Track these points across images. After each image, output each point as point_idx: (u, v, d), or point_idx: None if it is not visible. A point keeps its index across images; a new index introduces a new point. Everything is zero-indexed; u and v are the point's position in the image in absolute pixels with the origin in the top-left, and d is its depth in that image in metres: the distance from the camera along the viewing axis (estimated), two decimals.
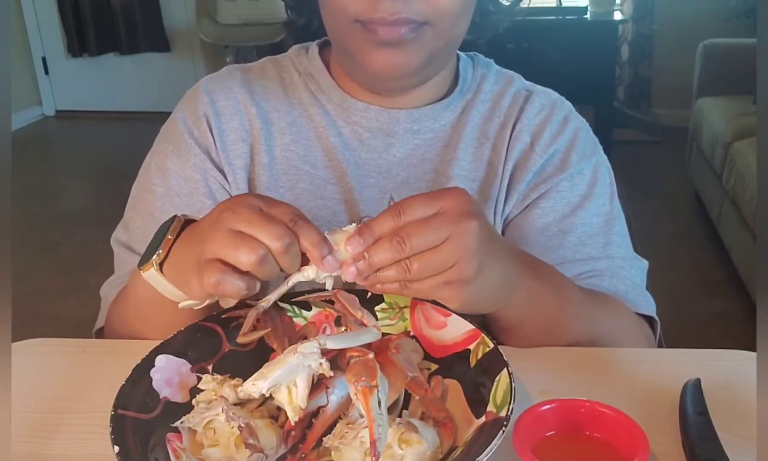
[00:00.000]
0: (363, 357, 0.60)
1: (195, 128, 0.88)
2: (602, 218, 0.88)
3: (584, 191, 0.88)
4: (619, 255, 0.87)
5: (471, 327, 0.69)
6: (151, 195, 0.88)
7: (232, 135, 0.88)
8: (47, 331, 0.84)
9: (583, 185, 0.88)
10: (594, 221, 0.87)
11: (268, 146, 0.88)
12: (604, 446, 0.57)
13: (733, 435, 0.60)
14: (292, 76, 0.92)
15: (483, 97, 0.91)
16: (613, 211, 0.89)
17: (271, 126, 0.89)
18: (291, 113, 0.90)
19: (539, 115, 0.90)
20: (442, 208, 0.61)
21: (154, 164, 0.89)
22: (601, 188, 0.89)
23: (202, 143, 0.87)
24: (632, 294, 0.86)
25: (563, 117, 0.91)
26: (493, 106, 0.91)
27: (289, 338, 0.70)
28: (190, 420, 0.61)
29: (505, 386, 0.61)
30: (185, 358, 0.69)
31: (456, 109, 0.91)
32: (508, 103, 0.91)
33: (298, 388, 0.60)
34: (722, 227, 2.94)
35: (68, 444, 0.65)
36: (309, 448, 0.61)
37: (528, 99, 0.91)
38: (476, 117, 0.90)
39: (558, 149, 0.89)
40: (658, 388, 0.68)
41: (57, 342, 0.81)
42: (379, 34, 0.76)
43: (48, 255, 3.33)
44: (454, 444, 0.60)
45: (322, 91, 0.90)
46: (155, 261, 0.67)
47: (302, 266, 0.63)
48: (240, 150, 0.88)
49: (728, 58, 3.37)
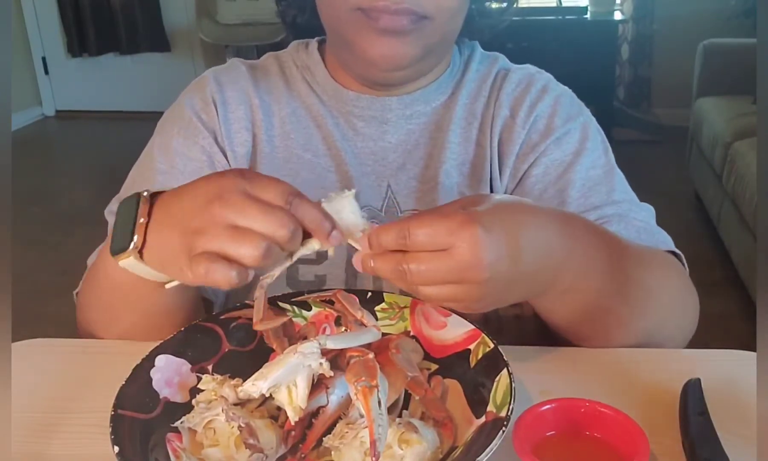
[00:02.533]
0: (363, 357, 0.60)
1: (203, 112, 0.89)
2: (600, 170, 0.87)
3: (575, 148, 0.87)
4: (624, 200, 0.86)
5: (471, 327, 0.69)
6: (153, 172, 0.87)
7: (237, 124, 0.89)
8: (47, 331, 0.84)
9: (573, 143, 0.88)
10: (592, 174, 0.86)
11: (269, 137, 0.90)
12: (604, 446, 0.57)
13: (733, 435, 0.60)
14: (291, 70, 0.94)
15: (470, 76, 0.92)
16: (609, 163, 0.89)
17: (272, 117, 0.91)
18: (291, 104, 0.91)
19: (517, 89, 0.91)
20: (452, 247, 0.57)
21: (156, 146, 0.90)
22: (593, 143, 0.88)
23: (209, 126, 0.89)
24: (646, 234, 0.84)
25: (542, 86, 0.91)
26: (479, 85, 0.92)
27: (289, 338, 0.70)
28: (190, 420, 0.61)
29: (505, 386, 0.61)
30: (185, 358, 0.69)
31: (446, 90, 0.92)
32: (491, 82, 0.92)
33: (298, 388, 0.60)
34: (722, 227, 2.94)
35: (68, 444, 0.65)
36: (309, 448, 0.61)
37: (506, 76, 0.92)
38: (464, 96, 0.91)
39: (540, 116, 0.89)
40: (658, 388, 0.68)
41: (57, 342, 0.81)
42: (382, 21, 0.76)
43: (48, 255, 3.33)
44: (454, 444, 0.60)
45: (318, 83, 0.92)
46: (133, 249, 0.63)
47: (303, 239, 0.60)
48: (243, 138, 0.89)
49: (728, 58, 3.37)
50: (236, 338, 0.72)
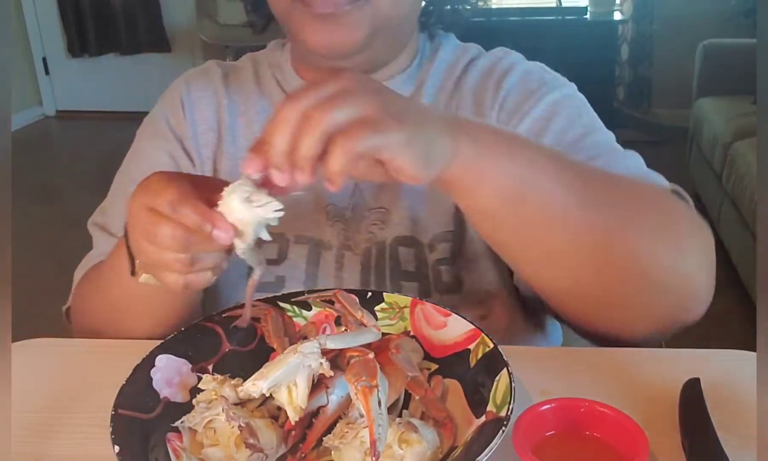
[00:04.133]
0: (363, 357, 0.60)
1: (172, 116, 0.91)
2: (580, 128, 0.81)
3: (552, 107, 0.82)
4: (612, 150, 0.80)
5: (471, 327, 0.69)
6: (127, 179, 0.90)
7: (203, 125, 0.91)
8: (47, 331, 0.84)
9: (550, 102, 0.82)
10: (576, 125, 0.81)
11: (233, 137, 0.91)
12: (604, 446, 0.57)
13: (733, 435, 0.60)
14: (263, 69, 0.94)
15: (436, 67, 0.90)
16: (594, 122, 0.83)
17: (239, 117, 0.92)
18: (260, 102, 0.92)
19: (480, 75, 0.88)
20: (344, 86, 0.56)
21: (132, 152, 0.93)
22: (574, 102, 0.84)
23: (176, 130, 0.91)
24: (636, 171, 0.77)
25: (508, 64, 0.88)
26: (445, 76, 0.90)
27: (289, 338, 0.70)
28: (190, 419, 0.61)
29: (505, 386, 0.61)
30: (185, 358, 0.69)
31: (413, 82, 0.90)
32: (458, 74, 0.90)
33: (298, 388, 0.60)
34: (722, 227, 2.93)
35: (68, 444, 0.65)
36: (309, 448, 0.61)
37: (471, 64, 0.89)
38: (430, 88, 0.89)
39: (509, 91, 0.85)
40: (658, 388, 0.68)
41: (57, 342, 0.81)
42: (316, 6, 0.76)
43: (48, 255, 3.33)
44: (454, 444, 0.60)
45: (286, 80, 0.92)
46: (139, 268, 0.67)
47: None
48: (209, 139, 0.91)
49: (728, 58, 3.37)
50: (236, 338, 0.72)
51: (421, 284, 0.85)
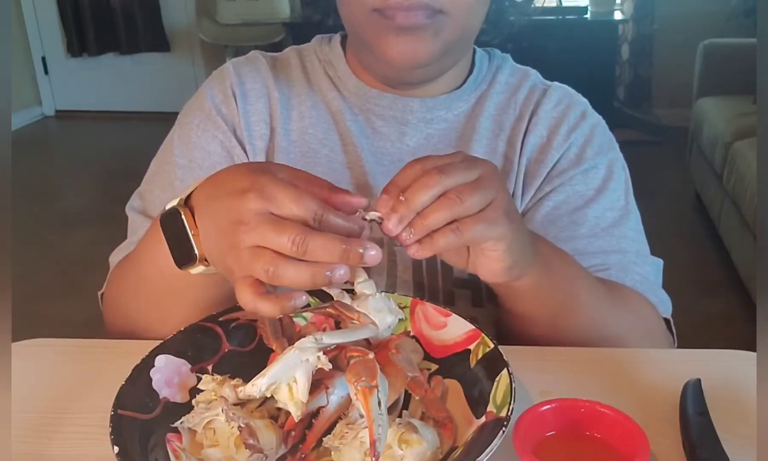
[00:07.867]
0: (363, 357, 0.60)
1: (223, 105, 0.89)
2: (617, 212, 0.87)
3: (598, 185, 0.87)
4: (632, 250, 0.86)
5: (471, 327, 0.69)
6: (172, 166, 0.88)
7: (255, 117, 0.89)
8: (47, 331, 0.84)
9: (597, 178, 0.88)
10: (608, 215, 0.87)
11: (286, 131, 0.90)
12: (604, 446, 0.57)
13: (733, 435, 0.60)
14: (313, 63, 0.94)
15: (498, 88, 0.92)
16: (628, 206, 0.89)
17: (291, 111, 0.91)
18: (311, 98, 0.91)
19: (556, 109, 0.90)
20: (482, 174, 0.61)
21: (176, 138, 0.90)
22: (616, 183, 0.89)
23: (228, 119, 0.89)
24: (641, 289, 0.84)
25: (581, 112, 0.91)
26: (508, 97, 0.92)
27: (289, 338, 0.69)
28: (189, 420, 0.61)
29: (505, 386, 0.61)
30: (185, 358, 0.69)
31: (470, 99, 0.91)
32: (524, 96, 0.91)
33: (298, 383, 0.59)
34: (722, 227, 2.94)
35: (68, 444, 0.65)
36: (309, 448, 0.60)
37: (545, 93, 0.91)
38: (491, 107, 0.91)
39: (574, 143, 0.88)
40: (658, 388, 0.68)
41: (57, 342, 0.81)
42: (397, 19, 0.77)
43: (48, 255, 3.33)
44: (454, 444, 0.60)
45: (339, 78, 0.91)
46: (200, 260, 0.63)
47: None
48: (261, 131, 0.89)
49: (728, 58, 3.37)
50: (236, 339, 0.72)
51: (474, 292, 0.86)
